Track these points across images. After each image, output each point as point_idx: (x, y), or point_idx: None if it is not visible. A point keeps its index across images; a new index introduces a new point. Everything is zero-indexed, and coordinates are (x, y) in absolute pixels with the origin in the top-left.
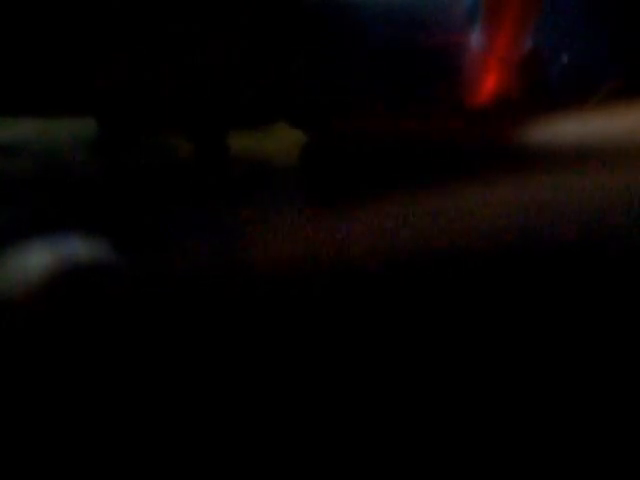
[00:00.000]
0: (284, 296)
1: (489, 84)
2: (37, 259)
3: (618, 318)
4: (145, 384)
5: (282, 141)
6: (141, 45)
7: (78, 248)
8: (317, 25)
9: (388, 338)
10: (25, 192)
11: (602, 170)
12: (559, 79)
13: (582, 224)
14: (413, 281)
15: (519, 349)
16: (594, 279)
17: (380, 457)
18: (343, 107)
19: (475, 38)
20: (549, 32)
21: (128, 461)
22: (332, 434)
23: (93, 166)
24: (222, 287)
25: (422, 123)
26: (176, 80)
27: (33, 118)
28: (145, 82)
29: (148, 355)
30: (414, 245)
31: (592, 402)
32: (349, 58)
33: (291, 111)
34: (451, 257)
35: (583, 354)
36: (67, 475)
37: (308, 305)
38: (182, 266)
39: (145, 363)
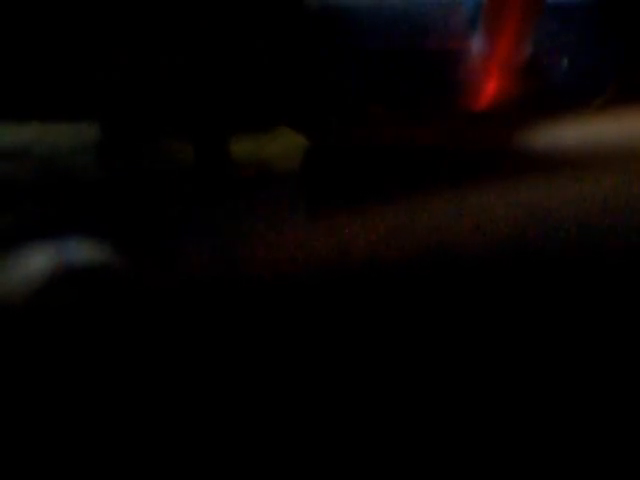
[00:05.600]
0: (285, 299)
1: (489, 89)
2: (38, 262)
3: (618, 319)
4: (144, 385)
5: (284, 145)
6: (142, 50)
7: (79, 252)
8: (319, 29)
9: (388, 339)
10: (27, 196)
11: (602, 174)
12: (559, 84)
13: (582, 226)
14: (413, 283)
15: (522, 349)
16: (594, 280)
17: (380, 457)
18: (345, 111)
19: (475, 43)
20: (549, 37)
21: (126, 461)
22: (334, 434)
23: (95, 170)
24: (223, 290)
25: (423, 127)
26: (178, 84)
27: (35, 123)
28: (146, 86)
29: (148, 357)
30: (415, 248)
31: (592, 402)
32: (350, 62)
33: (293, 115)
34: (451, 259)
35: (583, 354)
36: (67, 475)
37: (308, 307)
38: (183, 269)
39: (145, 364)
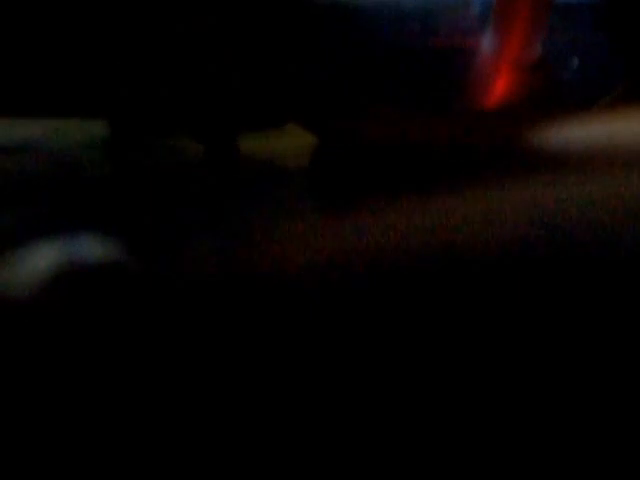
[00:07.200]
0: (292, 299)
1: (499, 87)
2: (46, 259)
3: (619, 321)
4: (149, 385)
5: (293, 143)
6: (152, 48)
7: (87, 248)
8: (328, 28)
9: (391, 342)
10: (35, 192)
11: (610, 173)
12: (569, 82)
13: (588, 227)
14: (422, 284)
15: (526, 351)
16: (596, 283)
17: (380, 457)
18: (354, 109)
19: (486, 42)
20: (559, 36)
21: (127, 462)
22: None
23: (103, 167)
24: (231, 289)
25: (433, 125)
26: (188, 82)
27: (44, 119)
28: (156, 84)
29: (154, 356)
30: (425, 248)
31: (592, 405)
32: (360, 61)
33: (302, 113)
34: (460, 260)
35: (584, 357)
36: (67, 475)
37: (316, 308)
38: (191, 267)
39: (151, 364)
